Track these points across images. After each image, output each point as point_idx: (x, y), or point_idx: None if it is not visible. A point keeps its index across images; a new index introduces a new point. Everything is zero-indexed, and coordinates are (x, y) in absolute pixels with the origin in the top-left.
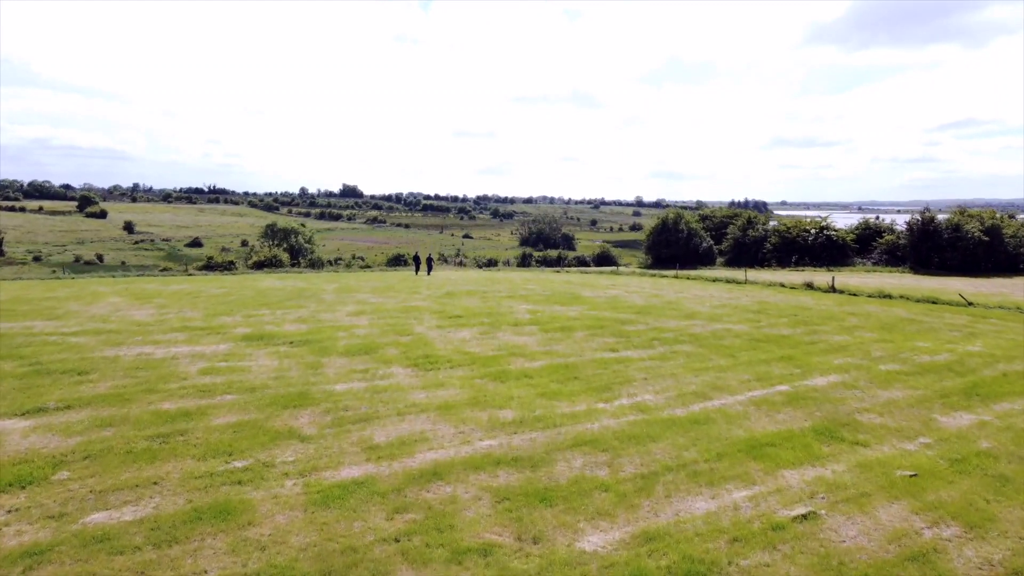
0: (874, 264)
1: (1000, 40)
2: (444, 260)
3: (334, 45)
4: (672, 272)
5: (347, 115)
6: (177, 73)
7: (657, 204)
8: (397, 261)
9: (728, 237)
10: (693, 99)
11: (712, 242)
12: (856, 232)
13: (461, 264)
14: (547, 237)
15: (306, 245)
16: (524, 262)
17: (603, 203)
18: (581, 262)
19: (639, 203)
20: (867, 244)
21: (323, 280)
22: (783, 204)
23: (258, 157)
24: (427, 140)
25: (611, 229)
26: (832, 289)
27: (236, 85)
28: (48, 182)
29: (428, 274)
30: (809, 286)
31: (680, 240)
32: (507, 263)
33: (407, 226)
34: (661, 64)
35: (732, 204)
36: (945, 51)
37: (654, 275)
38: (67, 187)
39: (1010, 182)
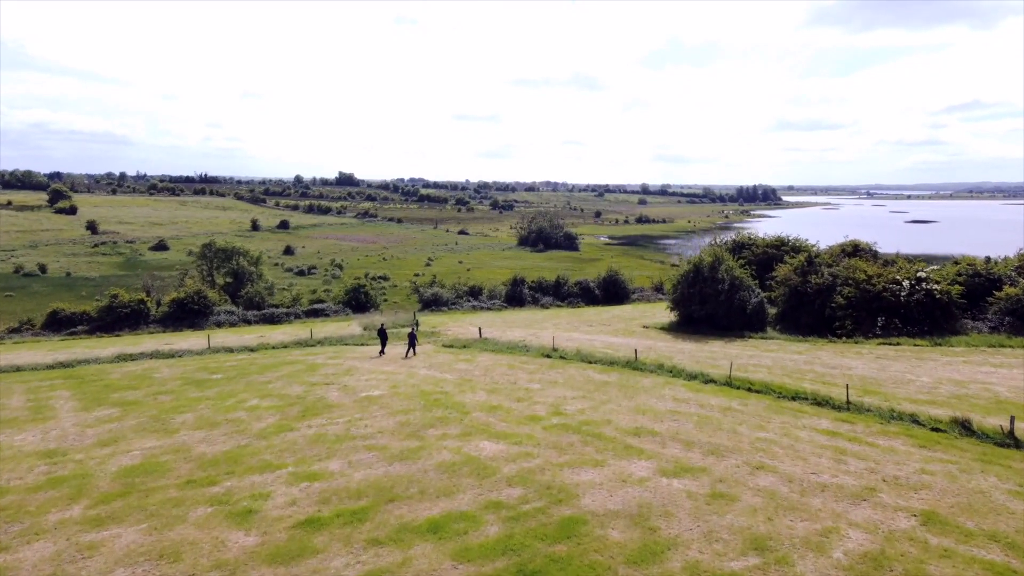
0: (992, 331)
1: (1008, 20)
2: (420, 293)
3: (333, 27)
4: (724, 369)
5: (347, 99)
6: (176, 56)
7: (663, 191)
8: (356, 301)
9: (779, 282)
10: (696, 81)
11: (760, 291)
12: (961, 281)
13: (434, 300)
14: (548, 236)
15: (251, 269)
16: (514, 294)
17: (607, 190)
18: (584, 289)
19: (644, 190)
20: (977, 300)
21: (142, 423)
22: (790, 189)
23: (259, 142)
24: (428, 123)
25: (616, 222)
26: (1010, 438)
27: (235, 68)
28: (29, 171)
29: (411, 354)
30: (966, 427)
31: (720, 292)
32: (494, 298)
33: (400, 220)
34: (663, 45)
35: (741, 190)
36: (952, 32)
37: (693, 383)
38: (55, 176)
39: (1016, 165)
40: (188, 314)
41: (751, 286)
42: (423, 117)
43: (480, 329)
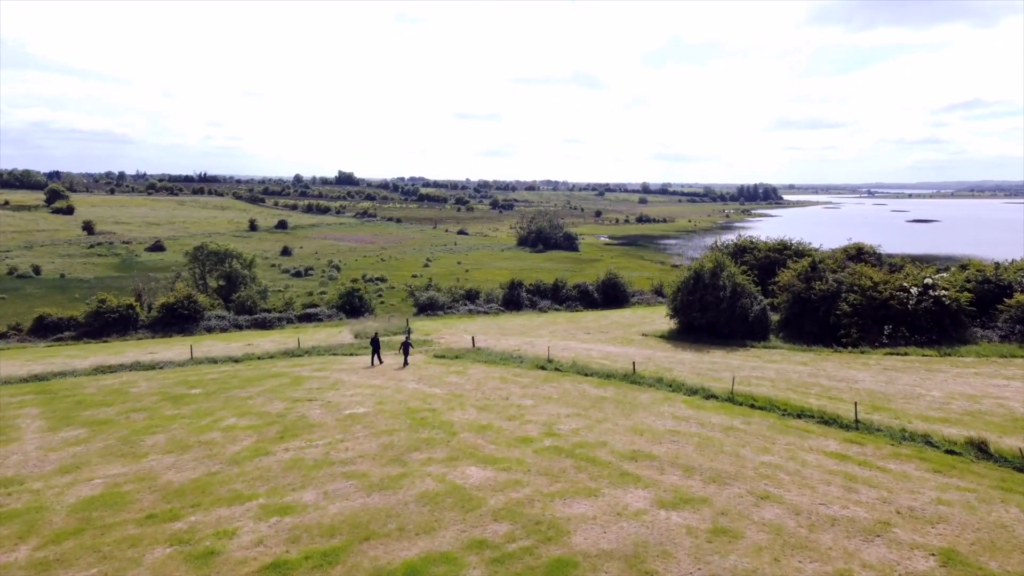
0: (1002, 339)
1: (1009, 19)
2: (415, 297)
3: (333, 26)
4: (726, 382)
5: (348, 98)
6: (176, 54)
7: (663, 190)
8: (350, 305)
9: (782, 288)
10: (696, 80)
11: (763, 298)
12: (970, 288)
13: (429, 305)
14: (547, 236)
15: (244, 272)
16: (512, 298)
17: (608, 188)
18: (583, 293)
19: (645, 189)
20: (987, 307)
21: (110, 446)
22: (791, 188)
23: (259, 140)
24: (428, 122)
25: (616, 221)
26: None
27: (236, 67)
28: (28, 171)
29: (404, 364)
30: (982, 450)
31: (721, 300)
32: (491, 302)
33: (399, 220)
34: (664, 44)
35: (741, 189)
36: (952, 31)
37: (693, 398)
38: (54, 175)
39: (1016, 164)
40: (178, 319)
41: (753, 293)
42: (423, 116)
43: (473, 338)
